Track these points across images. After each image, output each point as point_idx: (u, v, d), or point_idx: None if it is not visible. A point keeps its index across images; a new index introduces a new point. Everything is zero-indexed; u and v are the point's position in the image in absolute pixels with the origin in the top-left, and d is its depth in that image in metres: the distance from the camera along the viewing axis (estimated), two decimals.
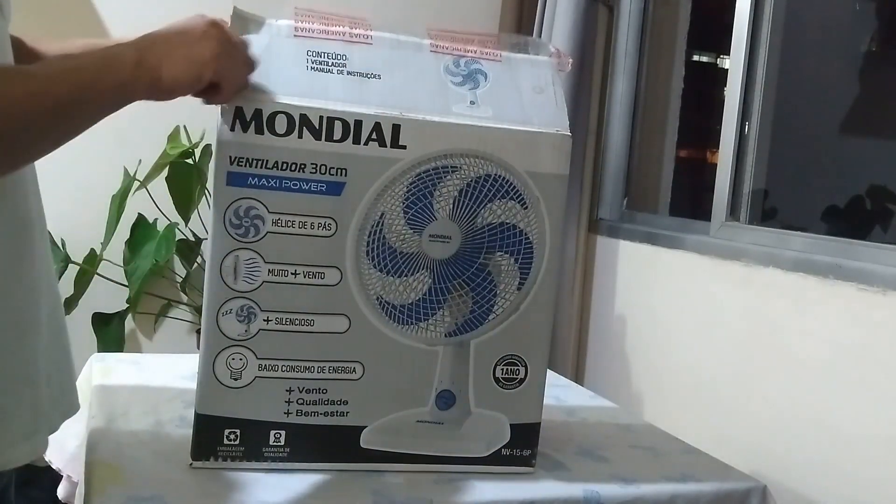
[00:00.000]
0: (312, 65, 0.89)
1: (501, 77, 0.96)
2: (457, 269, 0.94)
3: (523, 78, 0.97)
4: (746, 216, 1.99)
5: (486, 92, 0.94)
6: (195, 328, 2.47)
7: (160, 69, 0.77)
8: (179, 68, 0.78)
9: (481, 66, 0.96)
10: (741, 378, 1.78)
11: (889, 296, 1.47)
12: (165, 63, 0.77)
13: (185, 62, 0.79)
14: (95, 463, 0.94)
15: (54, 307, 0.89)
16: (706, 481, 1.05)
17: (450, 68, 0.94)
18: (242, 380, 0.91)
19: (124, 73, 0.76)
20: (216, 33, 0.81)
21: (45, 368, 0.84)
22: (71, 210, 2.11)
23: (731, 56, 1.99)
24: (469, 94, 0.94)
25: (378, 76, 0.91)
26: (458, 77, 0.94)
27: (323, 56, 0.90)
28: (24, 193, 0.82)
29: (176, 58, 0.78)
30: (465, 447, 0.98)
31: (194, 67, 0.79)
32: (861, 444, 1.49)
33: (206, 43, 0.80)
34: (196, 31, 0.80)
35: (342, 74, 0.90)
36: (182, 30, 0.80)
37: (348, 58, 0.91)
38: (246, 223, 0.88)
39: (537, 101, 0.96)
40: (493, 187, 0.93)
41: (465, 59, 0.96)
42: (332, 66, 0.90)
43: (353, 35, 0.92)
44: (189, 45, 0.79)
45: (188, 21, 0.82)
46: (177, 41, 0.79)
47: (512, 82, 0.96)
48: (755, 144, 1.98)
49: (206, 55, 0.80)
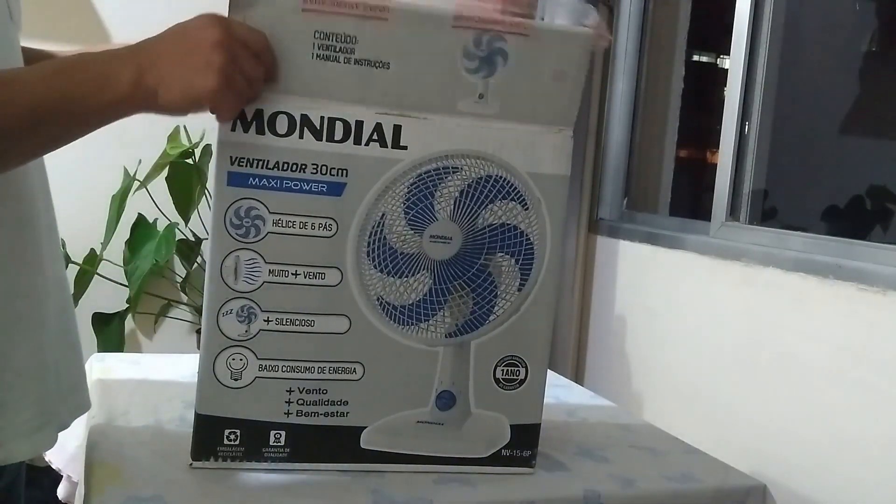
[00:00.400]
0: (318, 51, 0.86)
1: (523, 58, 0.91)
2: (457, 270, 0.94)
3: (547, 58, 0.92)
4: (746, 216, 1.99)
5: (500, 80, 0.91)
6: (195, 328, 2.47)
7: (157, 93, 0.74)
8: (177, 95, 0.74)
9: (504, 43, 0.90)
10: (741, 378, 1.78)
11: (889, 296, 1.47)
12: (163, 87, 0.74)
13: (183, 90, 0.74)
14: (95, 463, 0.94)
15: (64, 305, 0.89)
16: (706, 481, 1.05)
17: (468, 49, 0.89)
18: (242, 380, 0.91)
19: (119, 91, 0.73)
20: (222, 61, 0.75)
21: (52, 364, 0.84)
22: (71, 210, 2.11)
23: (731, 56, 1.99)
24: (480, 84, 0.91)
25: (387, 65, 0.88)
26: (475, 61, 0.90)
27: (331, 39, 0.86)
28: (30, 192, 0.82)
29: (175, 83, 0.74)
30: (465, 448, 0.98)
31: (192, 96, 0.75)
32: (861, 444, 1.49)
33: (209, 74, 0.74)
34: (202, 53, 0.75)
35: (349, 64, 0.87)
36: (188, 48, 0.75)
37: (358, 40, 0.86)
38: (246, 223, 0.88)
39: (552, 91, 0.93)
40: (494, 188, 0.93)
41: (489, 34, 0.89)
42: (338, 53, 0.86)
43: (368, 8, 0.85)
44: (191, 73, 0.74)
45: (196, 32, 0.76)
46: (179, 64, 0.74)
47: (532, 65, 0.91)
48: (755, 144, 1.98)
49: (206, 87, 0.75)
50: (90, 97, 0.73)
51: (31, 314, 0.82)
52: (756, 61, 1.96)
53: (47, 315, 0.84)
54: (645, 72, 2.44)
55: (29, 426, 0.80)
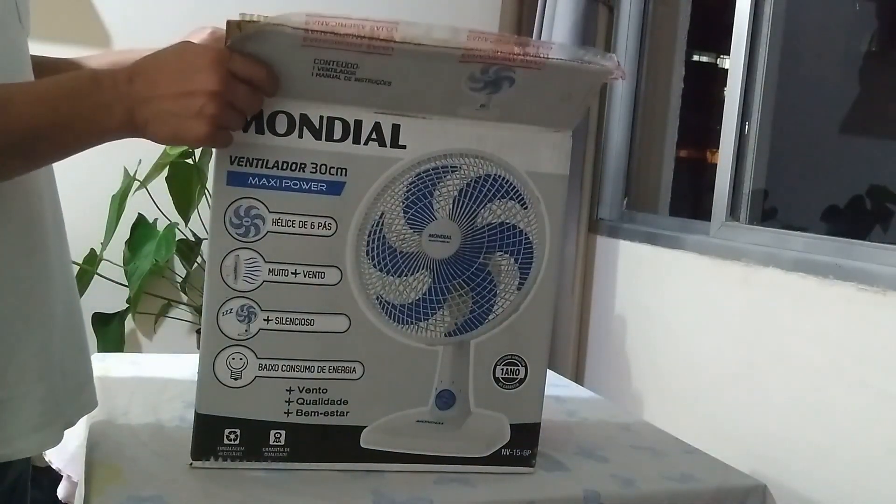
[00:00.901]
0: (318, 71, 0.84)
1: (531, 84, 0.88)
2: (457, 269, 0.94)
3: (556, 86, 0.89)
4: (746, 216, 1.99)
5: (504, 97, 0.89)
6: (195, 328, 2.47)
7: (146, 129, 0.75)
8: (167, 134, 0.76)
9: (513, 73, 0.87)
10: (741, 378, 1.78)
11: (889, 296, 1.47)
12: (154, 124, 0.75)
13: (174, 133, 0.76)
14: (95, 463, 0.94)
15: (70, 305, 0.89)
16: (706, 481, 1.05)
17: (474, 75, 0.86)
18: (242, 379, 0.91)
19: (110, 125, 0.74)
20: (215, 112, 0.75)
21: (59, 363, 0.85)
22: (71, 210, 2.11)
23: (731, 56, 1.99)
24: (483, 97, 0.89)
25: (388, 83, 0.86)
26: (480, 83, 0.87)
27: (331, 64, 0.84)
28: (37, 190, 0.82)
29: (166, 124, 0.75)
30: (465, 447, 0.98)
31: (181, 139, 0.77)
32: (861, 444, 1.49)
33: (201, 123, 0.75)
34: (196, 100, 0.74)
35: (349, 81, 0.85)
36: (183, 90, 0.74)
37: (359, 66, 0.84)
38: (246, 223, 0.88)
39: (557, 108, 0.92)
40: (493, 187, 0.93)
41: (496, 66, 0.86)
42: (339, 73, 0.85)
43: (371, 46, 0.82)
44: (183, 118, 0.75)
45: (195, 75, 0.74)
46: (173, 104, 0.74)
47: (539, 90, 0.89)
48: (755, 144, 1.98)
49: (197, 135, 0.76)
50: (81, 128, 0.74)
51: (37, 312, 0.82)
52: (756, 61, 1.96)
53: (54, 314, 0.84)
54: (645, 72, 2.44)
55: (35, 423, 0.81)
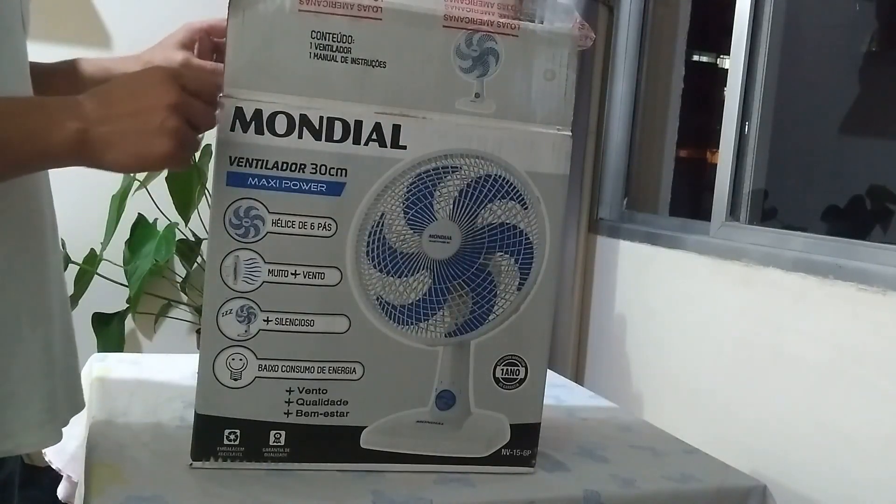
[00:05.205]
0: (315, 50, 0.87)
1: (514, 58, 0.93)
2: (457, 270, 0.94)
3: (537, 58, 0.94)
4: (746, 216, 1.99)
5: (495, 79, 0.93)
6: (195, 328, 2.47)
7: (104, 153, 0.73)
8: (129, 158, 0.74)
9: (495, 43, 0.93)
10: (741, 378, 1.78)
11: (889, 296, 1.47)
12: (113, 149, 0.72)
13: (137, 155, 0.73)
14: (95, 463, 0.94)
15: (63, 304, 0.90)
16: (706, 481, 1.05)
17: (461, 49, 0.92)
18: (242, 380, 0.91)
19: (58, 142, 0.71)
20: (176, 125, 0.74)
21: (58, 360, 0.85)
22: (71, 210, 2.11)
23: (731, 56, 1.99)
24: (476, 83, 0.92)
25: (383, 64, 0.90)
26: (468, 60, 0.92)
27: (327, 38, 0.88)
28: (35, 188, 0.83)
29: (127, 146, 0.73)
30: (465, 447, 0.98)
31: (146, 161, 0.75)
32: (861, 444, 1.49)
33: (164, 139, 0.73)
34: (155, 115, 0.73)
35: (346, 63, 0.88)
36: (139, 108, 0.73)
37: (354, 39, 0.88)
38: (246, 223, 0.88)
39: (545, 90, 0.94)
40: (493, 187, 0.93)
41: (479, 34, 0.92)
42: (335, 52, 0.88)
43: (361, 8, 0.88)
44: (145, 137, 0.73)
45: (149, 91, 0.74)
46: (131, 124, 0.73)
47: (524, 65, 0.94)
48: (755, 144, 1.98)
49: (161, 153, 0.74)
50: (27, 144, 0.71)
51: (38, 309, 0.82)
52: (756, 61, 1.96)
53: (53, 311, 0.85)
54: (645, 72, 2.44)
55: (38, 419, 0.82)
